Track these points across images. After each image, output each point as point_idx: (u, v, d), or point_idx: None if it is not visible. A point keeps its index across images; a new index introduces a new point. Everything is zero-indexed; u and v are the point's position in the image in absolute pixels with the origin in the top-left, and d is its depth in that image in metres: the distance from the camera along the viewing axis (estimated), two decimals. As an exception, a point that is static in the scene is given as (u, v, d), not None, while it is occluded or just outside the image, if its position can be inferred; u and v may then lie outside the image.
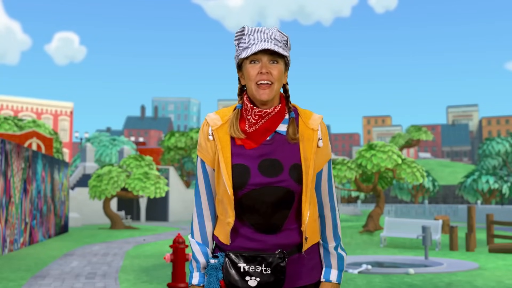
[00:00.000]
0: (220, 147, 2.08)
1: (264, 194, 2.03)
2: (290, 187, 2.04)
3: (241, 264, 2.02)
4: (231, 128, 2.10)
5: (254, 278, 2.01)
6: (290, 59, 2.18)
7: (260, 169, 2.05)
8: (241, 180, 2.04)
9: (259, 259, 2.02)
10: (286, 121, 2.12)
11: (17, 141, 25.77)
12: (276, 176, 2.04)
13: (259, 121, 2.08)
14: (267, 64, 2.04)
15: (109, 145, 62.20)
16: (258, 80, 2.04)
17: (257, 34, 2.06)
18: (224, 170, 2.05)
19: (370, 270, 10.88)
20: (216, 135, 2.10)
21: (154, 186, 25.97)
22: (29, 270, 11.25)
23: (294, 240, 2.09)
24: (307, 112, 2.17)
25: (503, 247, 15.46)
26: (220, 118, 2.14)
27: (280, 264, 2.01)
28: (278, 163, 2.06)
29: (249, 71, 2.06)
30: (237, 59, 2.13)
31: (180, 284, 7.18)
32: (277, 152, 2.08)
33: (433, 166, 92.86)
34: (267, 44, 2.02)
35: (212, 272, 2.08)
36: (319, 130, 2.13)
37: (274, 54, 2.06)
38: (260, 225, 2.05)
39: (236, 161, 2.07)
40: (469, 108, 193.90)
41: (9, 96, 74.35)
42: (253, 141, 2.08)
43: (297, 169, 2.06)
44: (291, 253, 2.08)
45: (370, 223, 21.16)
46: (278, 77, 2.06)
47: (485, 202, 46.06)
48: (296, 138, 2.08)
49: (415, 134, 52.42)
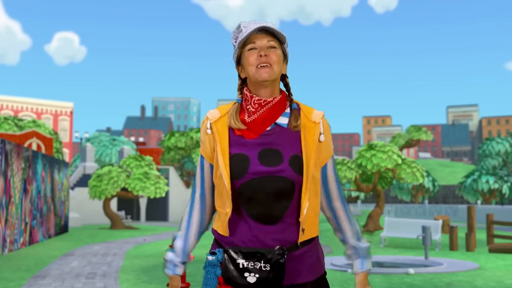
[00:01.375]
0: (218, 138, 2.10)
1: (264, 184, 2.03)
2: (290, 177, 2.04)
3: (240, 260, 2.01)
4: (231, 119, 2.11)
5: (253, 275, 2.00)
6: (288, 57, 2.21)
7: (260, 159, 2.05)
8: (240, 168, 2.04)
9: (258, 256, 2.01)
10: (287, 114, 2.14)
11: (17, 141, 25.76)
12: (276, 165, 2.04)
13: (258, 110, 2.09)
14: (265, 48, 2.09)
15: (109, 145, 62.19)
16: (257, 64, 2.07)
17: (252, 24, 2.11)
18: (221, 159, 2.06)
19: (370, 270, 10.88)
20: (214, 127, 2.12)
21: (154, 186, 25.96)
22: (29, 270, 11.25)
23: (294, 236, 2.08)
24: (308, 108, 2.18)
25: (503, 247, 15.46)
26: (219, 111, 2.16)
27: (280, 260, 2.00)
28: (278, 153, 2.06)
29: (248, 57, 2.10)
30: (236, 52, 2.16)
31: (180, 284, 7.18)
32: (277, 142, 2.08)
33: (433, 166, 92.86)
34: (262, 25, 2.08)
35: (210, 268, 2.06)
36: (321, 124, 2.14)
37: (271, 41, 2.10)
38: (260, 215, 2.04)
39: (235, 151, 2.08)
40: (469, 108, 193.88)
41: (9, 96, 74.35)
42: (253, 131, 2.09)
43: (298, 159, 2.06)
44: (290, 250, 2.07)
45: (370, 223, 21.16)
46: (276, 60, 2.09)
47: (485, 202, 46.05)
48: (298, 125, 2.10)
49: (415, 134, 52.44)
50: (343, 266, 11.47)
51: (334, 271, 10.98)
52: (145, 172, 26.34)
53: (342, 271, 11.09)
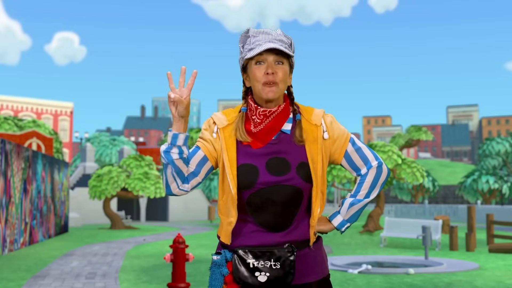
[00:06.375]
0: (225, 147, 2.09)
1: (273, 193, 2.03)
2: (298, 185, 2.04)
3: (250, 260, 2.01)
4: (237, 131, 2.10)
5: (264, 274, 2.00)
6: (294, 61, 2.20)
7: (268, 168, 2.05)
8: (249, 179, 2.04)
9: (268, 254, 2.01)
10: (290, 120, 2.14)
11: (17, 141, 25.75)
12: (284, 174, 2.04)
13: (264, 121, 2.09)
14: (272, 65, 2.06)
15: (109, 145, 62.17)
16: (264, 81, 2.05)
17: (262, 35, 2.08)
18: (228, 170, 2.06)
19: (370, 270, 10.88)
20: (221, 134, 2.11)
21: (154, 186, 25.96)
22: (29, 270, 11.24)
23: (302, 235, 2.09)
24: (308, 109, 2.18)
25: (503, 247, 15.45)
26: (226, 118, 2.15)
27: (289, 258, 2.00)
28: (286, 162, 2.06)
29: (255, 72, 2.07)
30: (242, 60, 2.14)
31: (180, 284, 7.17)
32: (283, 150, 2.08)
33: (433, 166, 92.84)
34: (272, 44, 2.04)
35: (215, 269, 2.07)
36: (323, 124, 2.14)
37: (279, 55, 2.07)
38: (268, 223, 2.05)
39: (243, 161, 2.07)
40: (469, 108, 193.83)
41: (9, 96, 74.32)
42: (259, 141, 2.09)
43: (304, 167, 2.06)
44: (299, 247, 2.08)
45: (370, 223, 21.16)
46: (283, 77, 2.07)
47: (485, 202, 46.03)
48: (303, 141, 2.10)
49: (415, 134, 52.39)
50: (343, 266, 11.48)
51: (334, 271, 10.99)
52: (145, 172, 26.34)
53: (342, 271, 11.09)
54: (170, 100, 2.01)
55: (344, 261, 12.82)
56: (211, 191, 49.90)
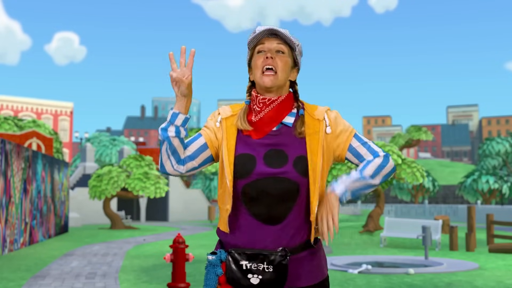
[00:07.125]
0: (226, 135, 2.11)
1: (268, 185, 2.03)
2: (294, 178, 2.04)
3: (243, 262, 2.02)
4: (238, 120, 2.13)
5: (256, 276, 2.00)
6: (301, 63, 2.22)
7: (265, 159, 2.06)
8: (246, 168, 2.04)
9: (261, 257, 2.01)
10: (293, 114, 2.14)
11: (17, 141, 25.75)
12: (280, 167, 2.04)
13: (263, 109, 2.10)
14: (272, 52, 2.10)
15: (109, 145, 62.18)
16: (263, 66, 2.08)
17: (266, 27, 2.12)
18: (226, 157, 2.07)
19: (370, 270, 10.88)
20: (224, 123, 2.14)
21: (154, 186, 25.96)
22: (29, 270, 11.25)
23: (297, 239, 2.07)
24: (313, 106, 2.19)
25: (503, 247, 15.46)
26: (231, 110, 2.19)
27: (282, 262, 2.00)
28: (283, 154, 2.06)
29: (256, 60, 2.12)
30: (248, 55, 2.20)
31: (180, 284, 7.17)
32: (283, 142, 2.09)
33: (433, 166, 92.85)
34: (272, 29, 2.09)
35: (210, 268, 2.07)
36: (326, 118, 2.14)
37: (280, 40, 2.11)
38: (263, 215, 2.04)
39: (242, 151, 2.08)
40: (469, 108, 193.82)
41: (9, 96, 74.33)
42: (259, 131, 2.10)
43: (302, 161, 2.06)
44: (293, 252, 2.08)
45: (370, 223, 21.16)
46: (283, 67, 2.09)
47: (485, 202, 46.03)
48: (302, 132, 2.10)
49: (415, 134, 52.38)
50: (343, 266, 11.48)
51: (334, 271, 10.99)
52: (145, 172, 26.34)
53: (342, 271, 11.09)
54: (172, 79, 2.05)
55: (344, 261, 12.82)
56: (211, 191, 49.89)
